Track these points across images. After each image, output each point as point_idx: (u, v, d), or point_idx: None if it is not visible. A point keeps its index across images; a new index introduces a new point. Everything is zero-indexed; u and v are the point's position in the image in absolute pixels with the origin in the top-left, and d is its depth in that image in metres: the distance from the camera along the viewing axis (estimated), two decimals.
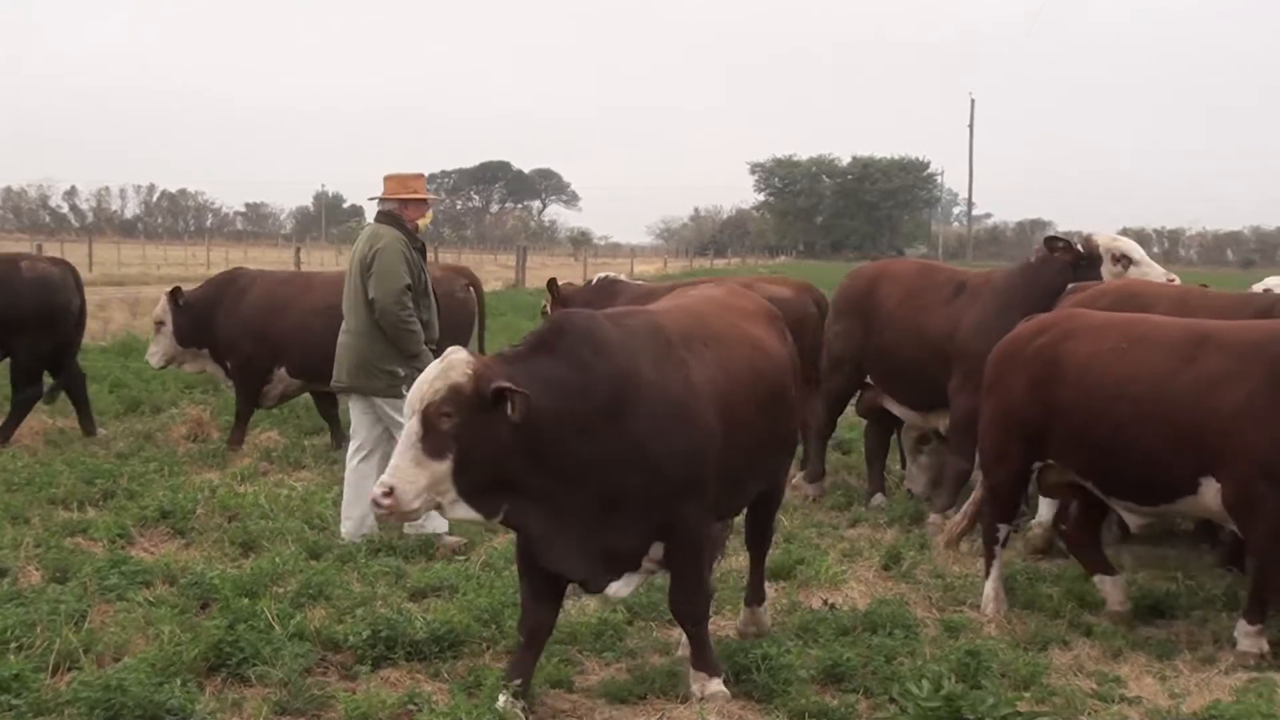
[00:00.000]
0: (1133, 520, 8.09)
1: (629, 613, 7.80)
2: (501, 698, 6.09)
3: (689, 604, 6.48)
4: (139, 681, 6.00)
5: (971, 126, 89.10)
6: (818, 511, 10.95)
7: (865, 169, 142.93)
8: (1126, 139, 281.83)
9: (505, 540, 9.46)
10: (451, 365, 5.74)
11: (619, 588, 6.25)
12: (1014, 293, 10.39)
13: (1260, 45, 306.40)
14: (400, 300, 9.39)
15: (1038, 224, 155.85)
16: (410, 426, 5.71)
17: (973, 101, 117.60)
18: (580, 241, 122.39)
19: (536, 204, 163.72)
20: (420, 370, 9.22)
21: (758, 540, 7.67)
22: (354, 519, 9.47)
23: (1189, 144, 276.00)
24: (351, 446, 9.79)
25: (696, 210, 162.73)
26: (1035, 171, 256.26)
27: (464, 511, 5.84)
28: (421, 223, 9.79)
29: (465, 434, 5.66)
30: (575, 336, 6.00)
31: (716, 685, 6.49)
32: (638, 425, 5.91)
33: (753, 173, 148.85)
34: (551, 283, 13.16)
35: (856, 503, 11.14)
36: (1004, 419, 8.11)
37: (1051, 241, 10.55)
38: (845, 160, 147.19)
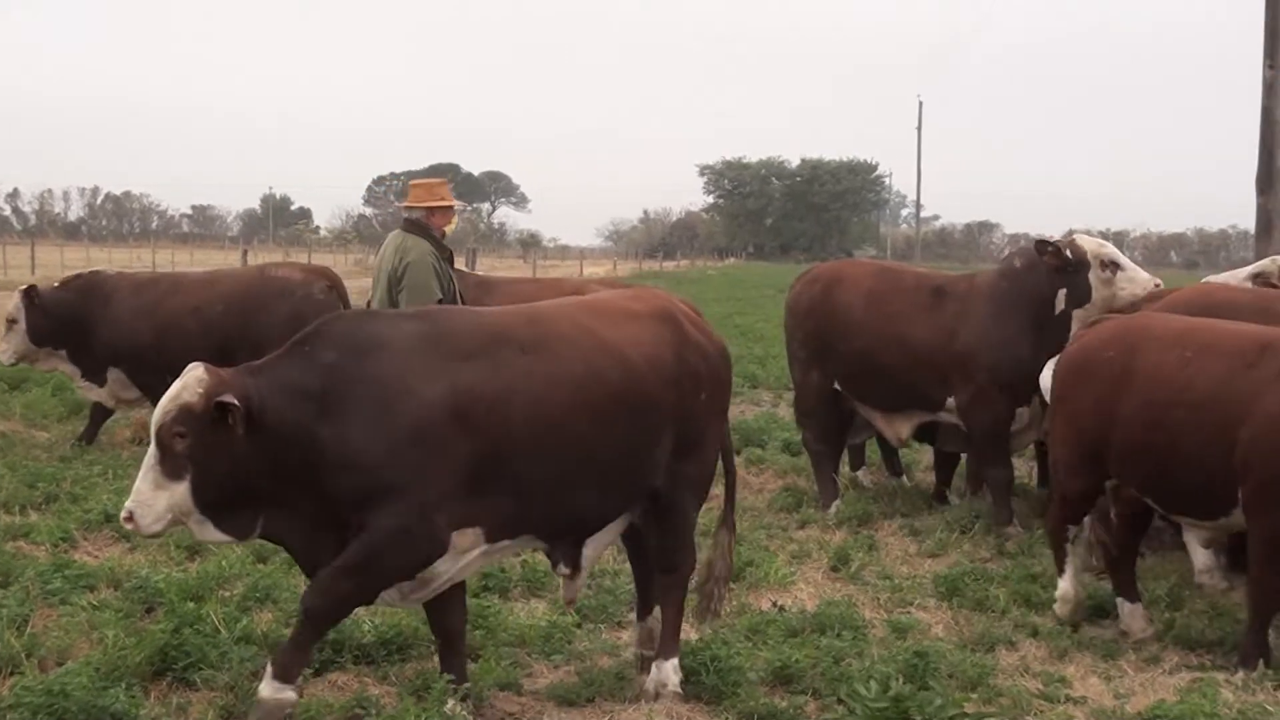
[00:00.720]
0: (1197, 536, 7.96)
1: (578, 615, 7.80)
2: (450, 701, 6.08)
3: (321, 593, 5.88)
4: (82, 686, 5.94)
5: (920, 129, 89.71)
6: (767, 514, 10.98)
7: (814, 171, 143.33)
8: (1072, 143, 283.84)
9: None
10: (185, 385, 5.61)
11: (391, 596, 6.07)
12: (1006, 298, 10.46)
13: (1203, 52, 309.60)
14: None
15: (985, 226, 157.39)
16: (150, 449, 5.64)
17: (920, 104, 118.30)
18: (530, 244, 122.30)
19: (486, 206, 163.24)
20: None
21: (660, 569, 6.84)
22: None
23: (1133, 147, 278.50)
24: None
25: (646, 212, 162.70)
26: (983, 174, 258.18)
27: (213, 533, 5.73)
28: (447, 229, 9.70)
29: (200, 453, 5.55)
30: (327, 339, 5.86)
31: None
32: (348, 426, 5.67)
33: (702, 175, 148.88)
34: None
35: (806, 504, 11.16)
36: (1074, 435, 7.84)
37: (1041, 245, 10.45)
38: (794, 162, 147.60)
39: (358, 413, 5.69)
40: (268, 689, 5.82)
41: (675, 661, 6.68)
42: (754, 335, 27.61)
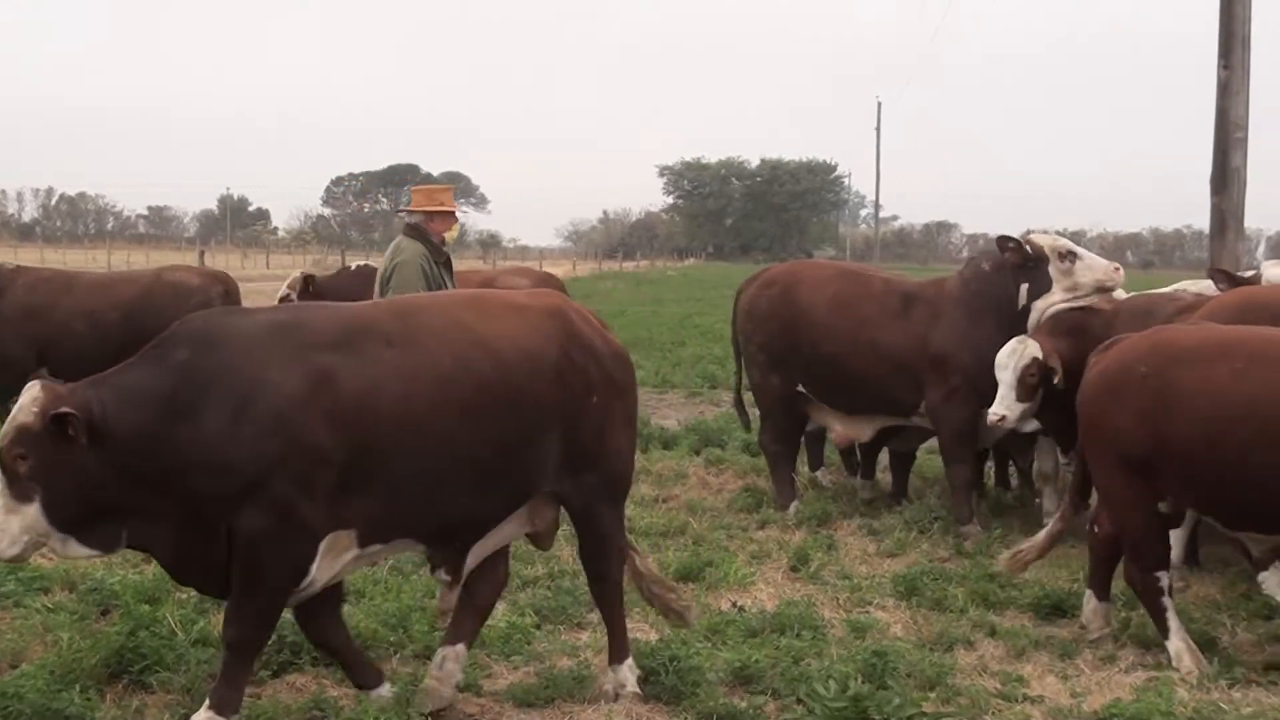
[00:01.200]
0: (1256, 549, 7.85)
1: (537, 616, 7.80)
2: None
3: (234, 623, 5.79)
4: (37, 689, 5.91)
5: (879, 130, 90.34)
6: (727, 514, 10.99)
7: (774, 171, 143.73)
8: (1029, 144, 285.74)
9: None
10: (20, 405, 5.50)
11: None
12: (978, 300, 10.63)
13: (1159, 50, 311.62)
14: None
15: (943, 226, 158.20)
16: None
17: (879, 105, 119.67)
18: (490, 244, 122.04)
19: None
20: None
21: (589, 577, 6.80)
22: None
23: (1090, 148, 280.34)
24: None
25: (605, 213, 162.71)
26: (941, 175, 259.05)
27: (78, 549, 5.61)
28: (448, 235, 9.79)
29: (45, 472, 5.43)
30: (180, 338, 5.72)
31: None
32: (203, 422, 5.51)
33: (661, 175, 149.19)
34: (309, 278, 13.05)
35: (765, 505, 11.18)
36: (1119, 461, 7.32)
37: (1003, 241, 10.65)
38: (754, 163, 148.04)
39: (211, 407, 5.52)
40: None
41: (630, 663, 6.65)
42: (713, 335, 27.66)
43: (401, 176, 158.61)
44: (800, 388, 11.31)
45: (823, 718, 6.00)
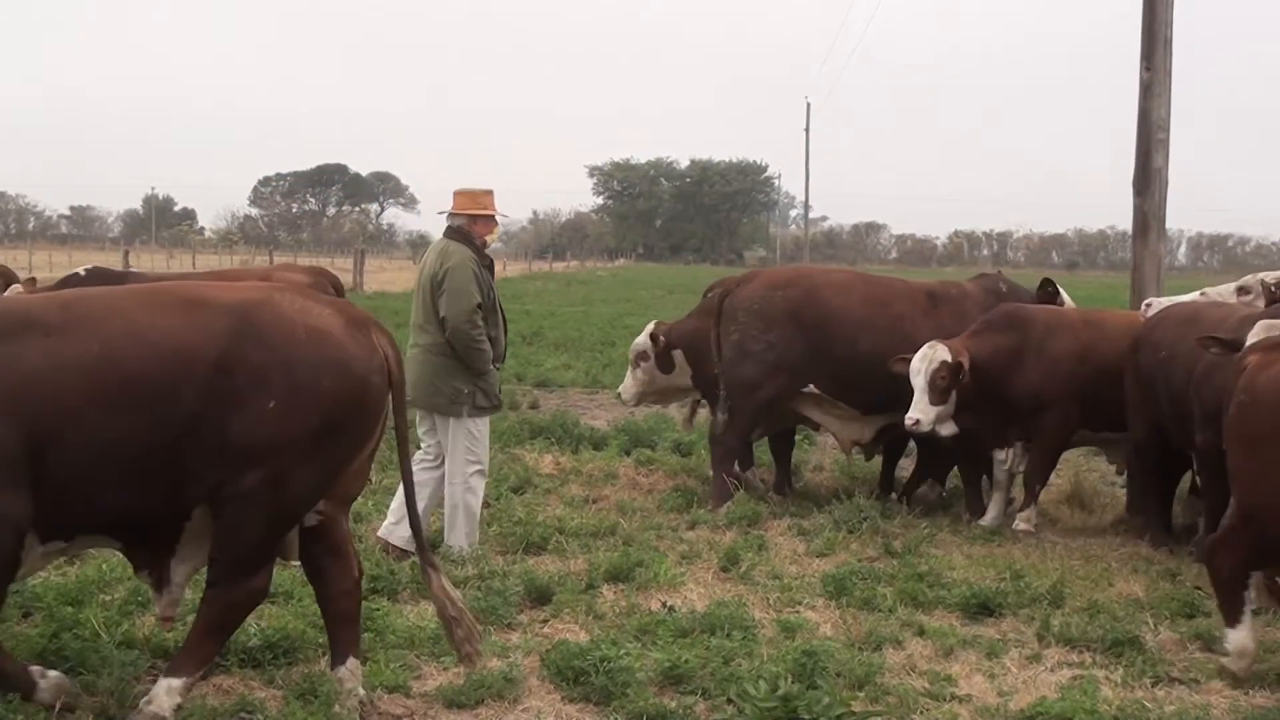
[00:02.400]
0: None
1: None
2: (336, 705, 6.03)
3: None
4: None
5: (808, 130, 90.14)
6: (657, 514, 11.00)
7: (704, 172, 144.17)
8: (957, 145, 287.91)
9: None
10: None
11: None
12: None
13: (1086, 55, 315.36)
14: (471, 319, 9.35)
15: (872, 227, 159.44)
16: None
17: (809, 105, 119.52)
18: (419, 244, 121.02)
19: (374, 207, 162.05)
20: (484, 390, 9.39)
21: (207, 580, 6.15)
22: (464, 538, 9.57)
23: (1016, 150, 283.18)
24: (419, 454, 9.78)
25: (535, 213, 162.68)
26: (870, 176, 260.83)
27: None
28: (490, 238, 9.78)
29: None
30: None
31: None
32: None
33: (591, 175, 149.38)
34: (31, 281, 12.97)
35: (696, 505, 11.20)
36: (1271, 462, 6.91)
37: (1047, 281, 12.10)
38: (684, 163, 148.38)
39: None
40: None
41: (178, 683, 6.06)
42: None
43: (329, 176, 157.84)
44: (812, 387, 11.52)
45: (753, 717, 6.02)
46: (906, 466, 12.68)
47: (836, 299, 11.54)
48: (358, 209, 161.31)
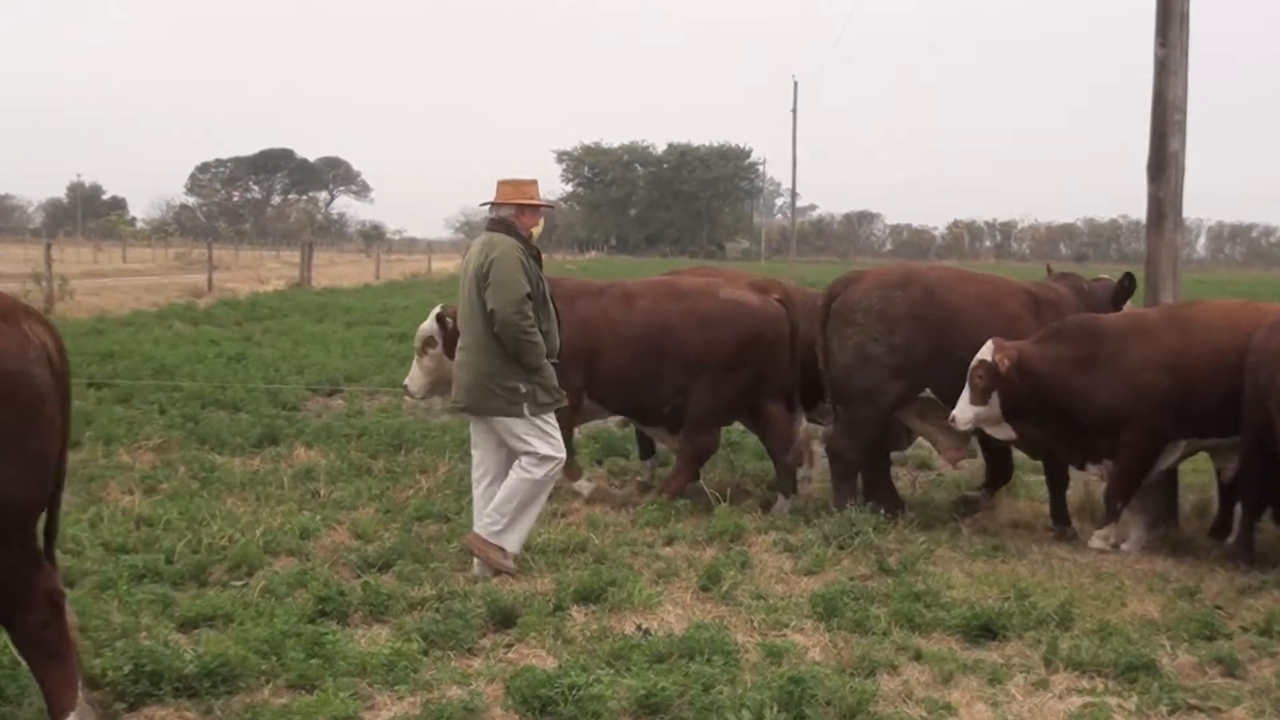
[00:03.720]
0: None
1: (425, 641, 7.75)
2: None
3: None
4: None
5: (795, 111, 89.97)
6: (631, 529, 10.99)
7: (682, 157, 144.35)
8: (956, 130, 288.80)
9: (289, 564, 9.37)
10: None
11: None
12: (1100, 307, 11.99)
13: (1092, 37, 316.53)
14: (521, 310, 9.42)
15: (865, 216, 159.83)
16: None
17: (796, 84, 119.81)
18: (373, 236, 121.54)
19: (323, 195, 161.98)
20: (542, 385, 9.42)
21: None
22: (519, 530, 9.60)
23: (1021, 136, 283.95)
24: (474, 468, 9.86)
25: None
26: (862, 162, 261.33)
27: None
28: (535, 230, 9.92)
29: None
30: None
31: None
32: None
33: (560, 161, 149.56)
34: None
35: (673, 519, 11.20)
36: None
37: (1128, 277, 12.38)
38: (661, 148, 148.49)
39: None
40: None
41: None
42: None
43: (274, 162, 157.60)
44: (928, 391, 11.74)
45: None
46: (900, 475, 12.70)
47: (954, 298, 11.81)
48: (305, 198, 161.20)
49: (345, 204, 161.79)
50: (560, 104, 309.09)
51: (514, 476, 9.55)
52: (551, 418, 9.71)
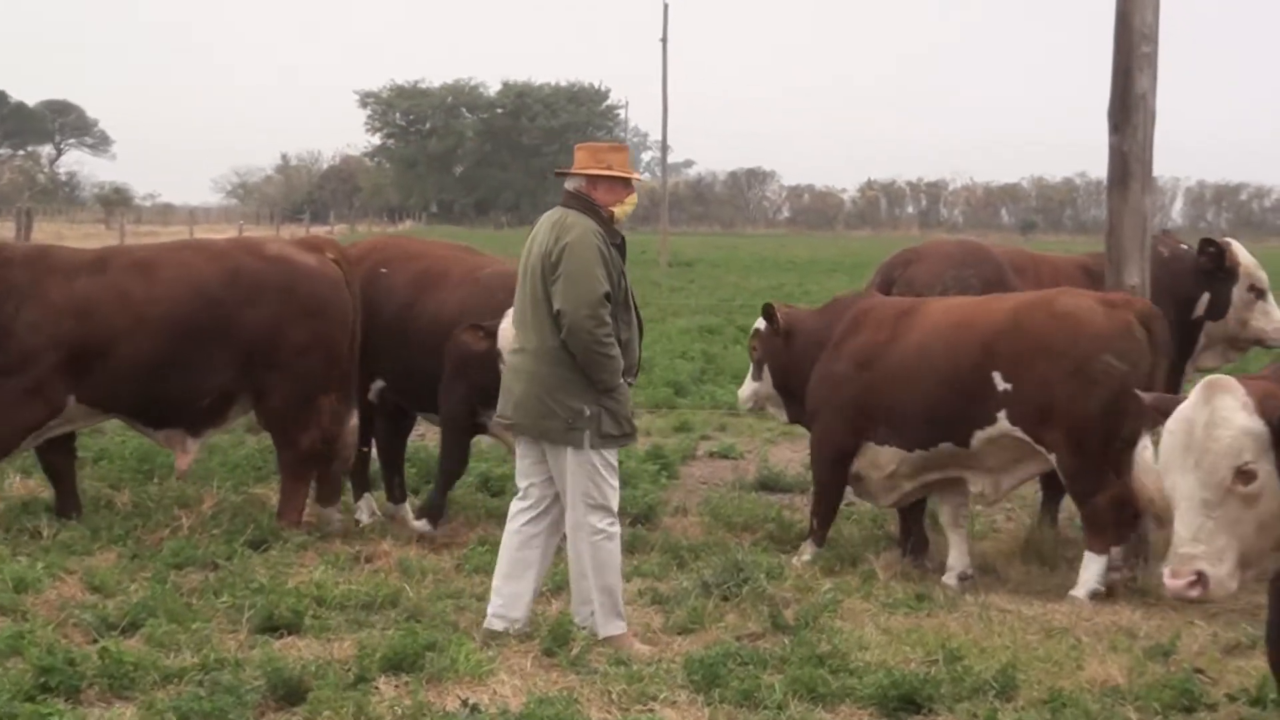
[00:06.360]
0: None
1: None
2: None
3: None
4: None
5: (665, 41, 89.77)
6: (456, 577, 10.98)
7: (521, 100, 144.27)
8: (869, 70, 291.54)
9: (0, 625, 9.23)
10: None
11: None
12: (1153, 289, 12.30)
13: None
14: (596, 314, 9.29)
15: (756, 175, 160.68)
16: None
17: (666, 6, 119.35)
18: (114, 201, 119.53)
19: (48, 149, 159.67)
20: (611, 412, 9.40)
21: None
22: (506, 596, 9.63)
23: (951, 73, 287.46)
24: (516, 502, 9.83)
25: (285, 158, 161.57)
26: (753, 108, 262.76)
27: None
28: (618, 210, 9.73)
29: None
30: None
31: None
32: None
33: (364, 105, 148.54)
34: None
35: None
36: None
37: (1205, 243, 13.17)
38: (494, 88, 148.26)
39: None
40: None
41: None
42: None
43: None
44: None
45: None
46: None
47: (1021, 281, 12.81)
48: (23, 152, 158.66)
49: (78, 160, 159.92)
50: (363, 32, 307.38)
51: (571, 550, 9.64)
52: (613, 458, 9.67)
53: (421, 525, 12.47)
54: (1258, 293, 12.87)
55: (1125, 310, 11.18)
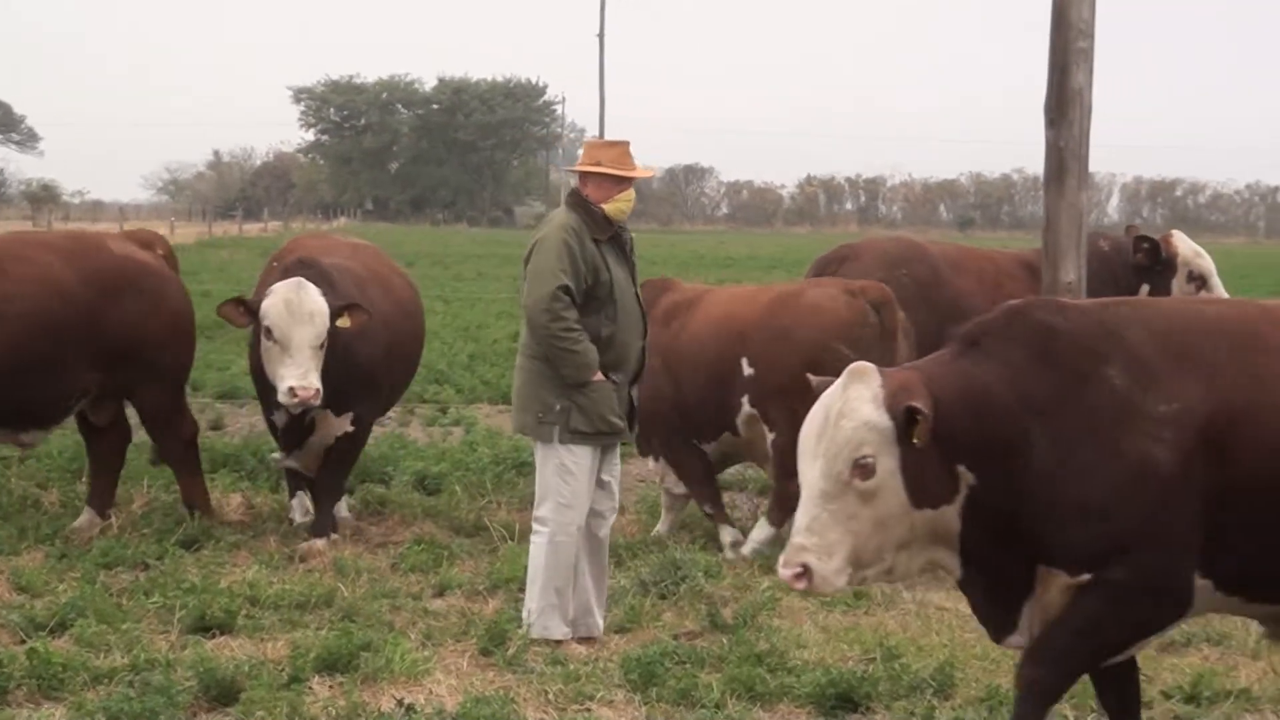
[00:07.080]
0: None
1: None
2: None
3: None
4: None
5: (602, 36, 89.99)
6: (392, 576, 10.95)
7: (457, 96, 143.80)
8: (808, 64, 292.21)
9: None
10: None
11: None
12: (1093, 281, 12.60)
13: None
14: (550, 307, 9.41)
15: (694, 172, 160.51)
16: None
17: (602, 2, 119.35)
18: (42, 198, 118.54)
19: None
20: (582, 409, 9.48)
21: None
22: (535, 607, 9.64)
23: (889, 69, 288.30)
24: (536, 508, 9.84)
25: (217, 154, 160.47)
26: (690, 104, 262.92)
27: None
28: (609, 207, 9.86)
29: None
30: None
31: None
32: None
33: (298, 100, 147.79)
34: None
35: (446, 563, 11.18)
36: None
37: (1139, 240, 13.67)
38: (430, 83, 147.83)
39: None
40: None
41: None
42: None
43: None
44: None
45: None
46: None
47: (954, 279, 13.17)
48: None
49: (4, 158, 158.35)
50: (296, 26, 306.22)
51: (532, 544, 9.77)
52: (584, 456, 9.66)
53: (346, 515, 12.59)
54: (1199, 281, 13.22)
55: (860, 298, 11.71)
